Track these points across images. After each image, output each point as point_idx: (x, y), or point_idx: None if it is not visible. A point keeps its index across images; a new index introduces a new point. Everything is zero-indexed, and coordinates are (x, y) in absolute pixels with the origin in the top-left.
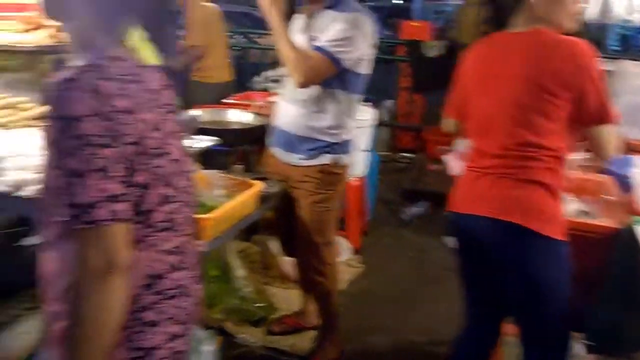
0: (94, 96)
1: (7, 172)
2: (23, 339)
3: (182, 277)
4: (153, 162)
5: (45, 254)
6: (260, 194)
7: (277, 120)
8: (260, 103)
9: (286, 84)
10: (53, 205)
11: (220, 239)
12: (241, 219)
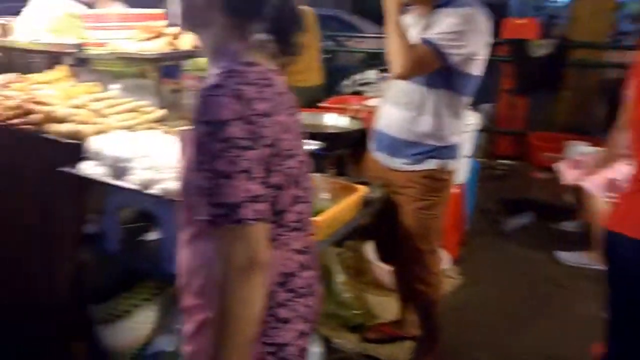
0: (237, 101)
1: (135, 170)
2: (139, 329)
3: (310, 277)
4: (286, 163)
5: (184, 250)
6: (363, 199)
7: (379, 124)
8: (356, 107)
9: (389, 86)
10: (193, 205)
11: (324, 242)
12: (344, 223)
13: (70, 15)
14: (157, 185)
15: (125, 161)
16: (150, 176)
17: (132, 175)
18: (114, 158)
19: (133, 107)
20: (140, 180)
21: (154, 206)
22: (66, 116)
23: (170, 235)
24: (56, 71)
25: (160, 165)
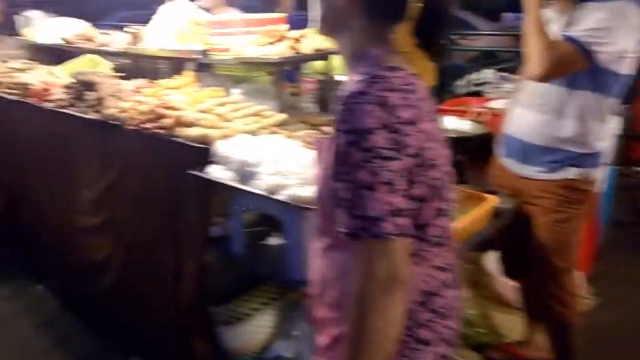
0: (381, 108)
1: (262, 175)
2: (258, 333)
3: (452, 296)
4: (429, 173)
5: (318, 260)
6: (494, 210)
7: (509, 128)
8: (477, 109)
9: (521, 87)
10: (330, 215)
11: None
12: (473, 235)
13: (195, 22)
14: (284, 191)
15: (252, 165)
16: (276, 181)
17: (258, 180)
18: (240, 162)
19: (255, 112)
20: (267, 185)
21: (279, 212)
22: (194, 120)
23: (296, 241)
24: (183, 77)
25: (286, 171)
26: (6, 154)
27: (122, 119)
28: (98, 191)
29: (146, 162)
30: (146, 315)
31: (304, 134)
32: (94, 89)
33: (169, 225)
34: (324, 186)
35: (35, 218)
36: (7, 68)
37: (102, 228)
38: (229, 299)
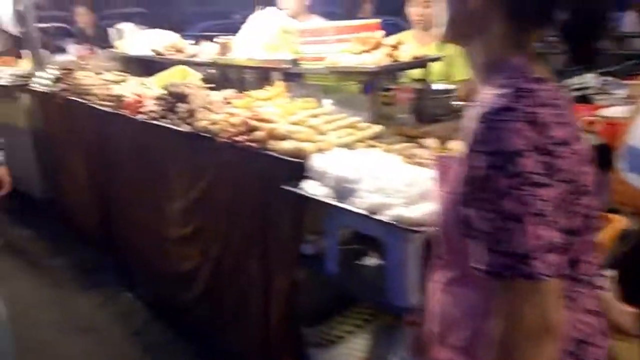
0: (532, 127)
1: (362, 193)
2: (351, 357)
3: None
4: (583, 202)
5: (439, 295)
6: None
7: (633, 139)
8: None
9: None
10: (459, 246)
11: None
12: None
13: (285, 30)
14: (387, 211)
15: (351, 182)
16: (379, 200)
17: (357, 198)
18: (338, 178)
19: (349, 123)
20: (368, 204)
21: (381, 233)
22: (288, 133)
23: (398, 265)
24: (274, 87)
25: (389, 189)
26: (101, 165)
27: (214, 131)
28: (188, 202)
29: (237, 175)
30: (234, 330)
31: (402, 147)
32: (186, 101)
33: (259, 239)
34: (450, 213)
35: (127, 227)
36: (101, 80)
37: (191, 239)
38: (321, 319)
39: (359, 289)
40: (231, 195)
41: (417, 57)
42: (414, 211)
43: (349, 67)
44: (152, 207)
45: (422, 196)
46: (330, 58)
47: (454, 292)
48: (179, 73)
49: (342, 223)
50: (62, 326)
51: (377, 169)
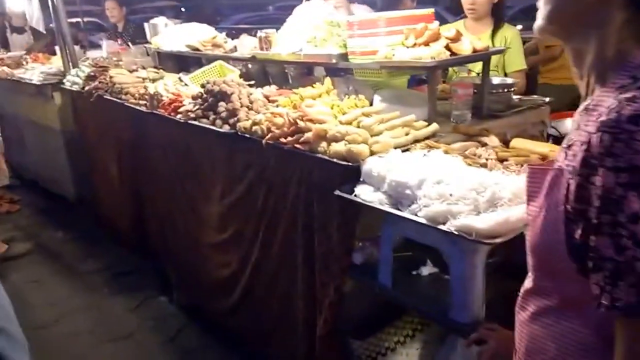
0: None
1: (422, 200)
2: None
3: None
4: None
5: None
6: None
7: None
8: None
9: None
10: (559, 271)
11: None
12: None
13: (330, 23)
14: (451, 221)
15: (410, 187)
16: (442, 208)
17: (417, 205)
18: (396, 183)
19: (403, 122)
20: (430, 212)
21: (444, 244)
22: (340, 135)
23: (462, 278)
24: (322, 84)
25: (454, 195)
26: (136, 166)
27: (257, 132)
28: (227, 205)
29: (282, 178)
30: (276, 339)
31: (462, 146)
32: (227, 100)
33: (304, 247)
34: (548, 233)
35: (163, 230)
36: (136, 77)
37: (230, 243)
38: (371, 331)
39: (415, 302)
40: (274, 199)
41: (477, 50)
42: (484, 221)
43: (404, 61)
44: (189, 210)
45: (490, 203)
46: (382, 52)
47: (547, 324)
48: (217, 69)
49: (399, 232)
50: (97, 334)
51: (439, 172)
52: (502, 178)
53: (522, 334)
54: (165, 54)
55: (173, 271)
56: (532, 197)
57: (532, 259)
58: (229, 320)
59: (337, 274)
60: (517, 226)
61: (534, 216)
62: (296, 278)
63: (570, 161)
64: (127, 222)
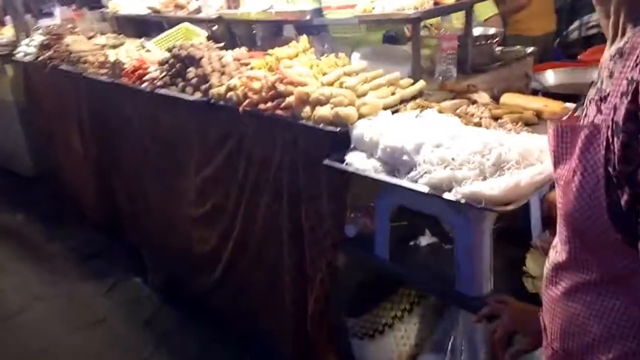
0: None
1: (422, 166)
2: (402, 345)
3: None
4: None
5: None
6: None
7: None
8: None
9: None
10: (601, 243)
11: None
12: None
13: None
14: (456, 188)
15: (407, 153)
16: (445, 174)
17: (416, 172)
18: (392, 149)
19: (389, 80)
20: (433, 179)
21: (446, 212)
22: (324, 98)
23: (470, 250)
24: (298, 43)
25: (456, 160)
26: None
27: (232, 98)
28: (203, 179)
29: (262, 148)
30: (262, 316)
31: (452, 105)
32: (197, 65)
33: (291, 220)
34: (588, 199)
35: (133, 206)
36: (94, 45)
37: (209, 218)
38: (365, 307)
39: (416, 275)
40: (255, 170)
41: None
42: (493, 187)
43: (386, 14)
44: (162, 185)
45: (497, 167)
46: (361, 5)
47: (587, 301)
48: (182, 32)
49: (396, 202)
50: (66, 321)
51: (437, 134)
52: (507, 138)
53: (555, 312)
54: (124, 18)
55: (146, 250)
56: (560, 159)
57: (565, 230)
58: (209, 300)
59: (328, 249)
60: (529, 191)
61: (566, 181)
62: (282, 254)
63: (607, 115)
64: (94, 199)
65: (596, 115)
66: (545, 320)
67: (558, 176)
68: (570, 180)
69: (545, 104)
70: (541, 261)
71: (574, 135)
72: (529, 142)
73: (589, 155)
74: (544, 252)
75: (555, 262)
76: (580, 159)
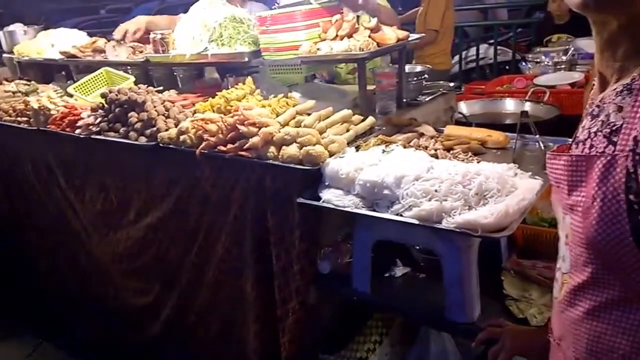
0: None
1: (407, 200)
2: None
3: None
4: None
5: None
6: None
7: None
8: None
9: None
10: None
11: None
12: None
13: (234, 19)
14: (447, 218)
15: (388, 187)
16: (432, 206)
17: (400, 205)
18: (371, 184)
19: (342, 117)
20: (423, 212)
21: (434, 242)
22: (289, 137)
23: (458, 276)
24: (244, 85)
25: (439, 192)
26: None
27: (185, 141)
28: (142, 229)
29: (220, 192)
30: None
31: (405, 138)
32: (137, 109)
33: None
34: (610, 224)
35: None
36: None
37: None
38: (340, 343)
39: (400, 306)
40: (210, 215)
41: (400, 39)
42: (486, 215)
43: (333, 54)
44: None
45: (480, 196)
46: (305, 47)
47: (613, 319)
48: (104, 77)
49: (377, 235)
50: None
51: (413, 168)
52: (484, 168)
53: (578, 333)
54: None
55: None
56: (575, 187)
57: (586, 252)
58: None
59: (301, 288)
60: (516, 217)
61: (585, 207)
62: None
63: (624, 146)
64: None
65: (607, 146)
66: (565, 342)
67: (574, 203)
68: (590, 207)
69: (488, 134)
70: (516, 283)
71: (589, 165)
72: (498, 170)
73: (608, 183)
74: (515, 274)
75: (572, 284)
76: (599, 186)
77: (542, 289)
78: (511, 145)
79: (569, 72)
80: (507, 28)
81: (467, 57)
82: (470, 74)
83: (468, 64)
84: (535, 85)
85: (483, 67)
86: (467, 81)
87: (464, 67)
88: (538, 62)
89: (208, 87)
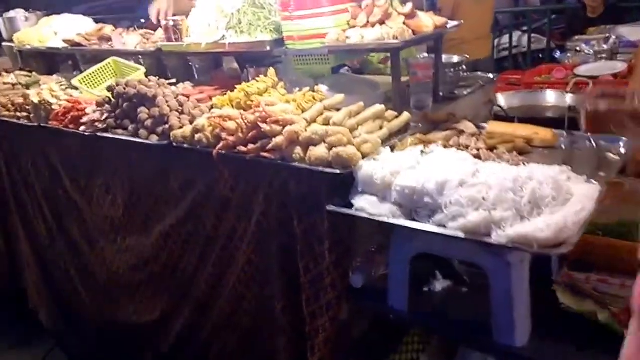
0: None
1: (451, 208)
2: None
3: None
4: None
5: None
6: None
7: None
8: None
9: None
10: None
11: None
12: None
13: (254, 4)
14: (497, 231)
15: (429, 194)
16: (480, 217)
17: (443, 215)
18: (410, 190)
19: (374, 114)
20: (469, 223)
21: (482, 257)
22: (317, 137)
23: (508, 294)
24: (266, 77)
25: (487, 200)
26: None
27: (201, 140)
28: (154, 236)
29: (241, 196)
30: None
31: (444, 137)
32: (147, 104)
33: (285, 273)
34: None
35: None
36: (2, 84)
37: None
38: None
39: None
40: (230, 222)
41: (438, 26)
42: (543, 228)
43: (364, 44)
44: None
45: (534, 204)
46: (332, 34)
47: None
48: (112, 68)
49: (419, 248)
50: None
51: (456, 172)
52: (535, 171)
53: None
54: (31, 53)
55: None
56: None
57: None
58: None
59: (332, 303)
60: (576, 230)
61: None
62: (267, 314)
63: None
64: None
65: None
66: None
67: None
68: None
69: (535, 131)
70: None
71: None
72: (551, 174)
73: None
74: (567, 288)
75: None
76: None
77: (597, 306)
78: (560, 144)
79: (610, 62)
80: (539, 15)
81: (500, 45)
82: (502, 62)
83: (500, 52)
84: (576, 76)
85: (516, 56)
86: (500, 70)
87: (497, 55)
88: (578, 51)
89: (227, 79)
